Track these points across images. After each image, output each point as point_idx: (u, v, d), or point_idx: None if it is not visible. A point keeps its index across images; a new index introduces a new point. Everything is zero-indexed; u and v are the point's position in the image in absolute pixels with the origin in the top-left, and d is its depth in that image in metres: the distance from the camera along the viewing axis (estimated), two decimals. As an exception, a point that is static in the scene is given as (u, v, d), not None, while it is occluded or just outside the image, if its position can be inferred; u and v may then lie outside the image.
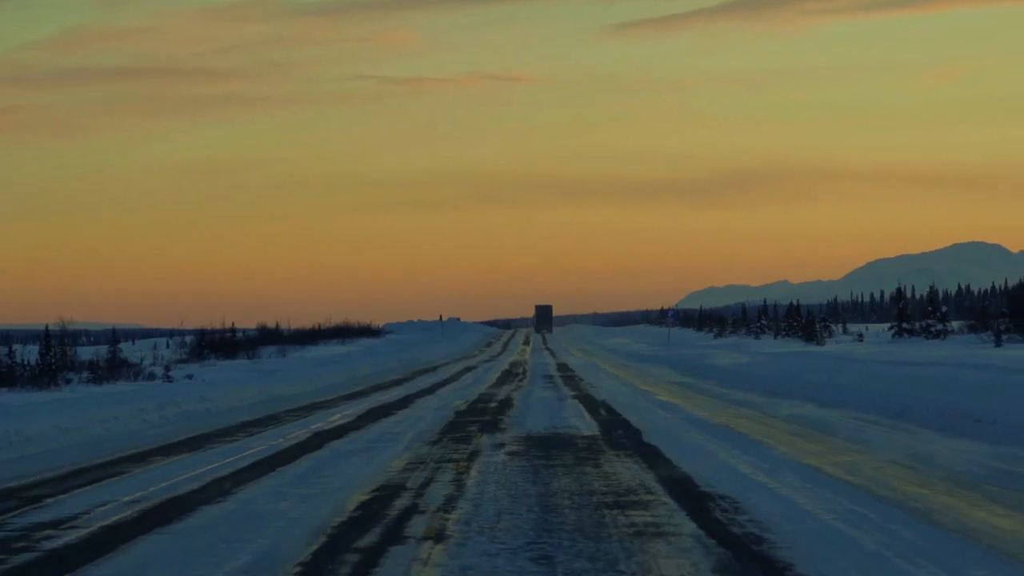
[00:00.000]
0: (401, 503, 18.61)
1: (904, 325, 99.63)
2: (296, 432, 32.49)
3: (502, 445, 27.17)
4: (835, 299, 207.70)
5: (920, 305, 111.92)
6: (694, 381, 56.49)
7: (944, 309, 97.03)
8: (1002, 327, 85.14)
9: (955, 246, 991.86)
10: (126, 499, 20.06)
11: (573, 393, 48.01)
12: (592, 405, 40.59)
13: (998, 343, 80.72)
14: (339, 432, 31.98)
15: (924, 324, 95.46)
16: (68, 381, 66.08)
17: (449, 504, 18.34)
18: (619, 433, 29.69)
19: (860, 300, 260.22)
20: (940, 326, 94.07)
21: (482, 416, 36.38)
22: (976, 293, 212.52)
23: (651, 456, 24.32)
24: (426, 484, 20.64)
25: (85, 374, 69.28)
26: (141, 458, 26.78)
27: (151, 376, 71.71)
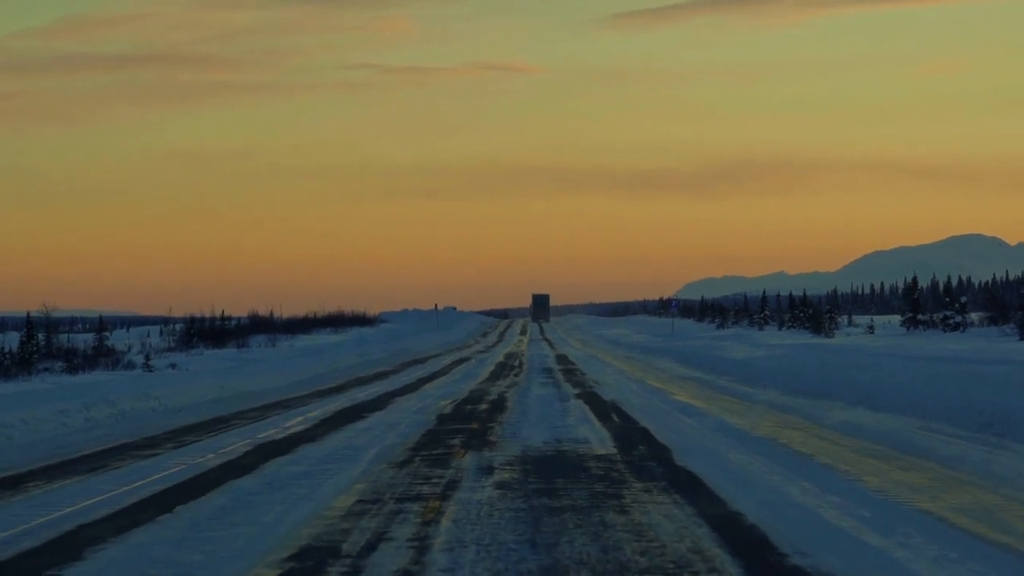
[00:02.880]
0: (324, 588, 11.51)
1: (919, 316, 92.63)
2: (235, 443, 25.36)
3: (490, 470, 19.98)
4: (835, 290, 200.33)
5: (922, 296, 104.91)
6: (709, 377, 49.30)
7: (964, 300, 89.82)
8: (1026, 319, 78.13)
9: (952, 238, 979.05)
10: (-78, 565, 13.00)
11: (576, 391, 40.83)
12: (600, 407, 33.44)
13: (1023, 336, 73.84)
14: (288, 445, 24.83)
15: (942, 316, 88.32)
16: (47, 370, 60.15)
17: (399, 592, 11.25)
18: (642, 450, 22.51)
19: (860, 292, 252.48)
20: (959, 318, 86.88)
21: (468, 423, 29.19)
22: (977, 285, 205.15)
23: (694, 490, 17.18)
24: (372, 546, 13.46)
25: (59, 363, 63.15)
26: (12, 484, 19.66)
27: (130, 365, 65.52)
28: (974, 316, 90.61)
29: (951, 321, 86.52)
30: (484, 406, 34.55)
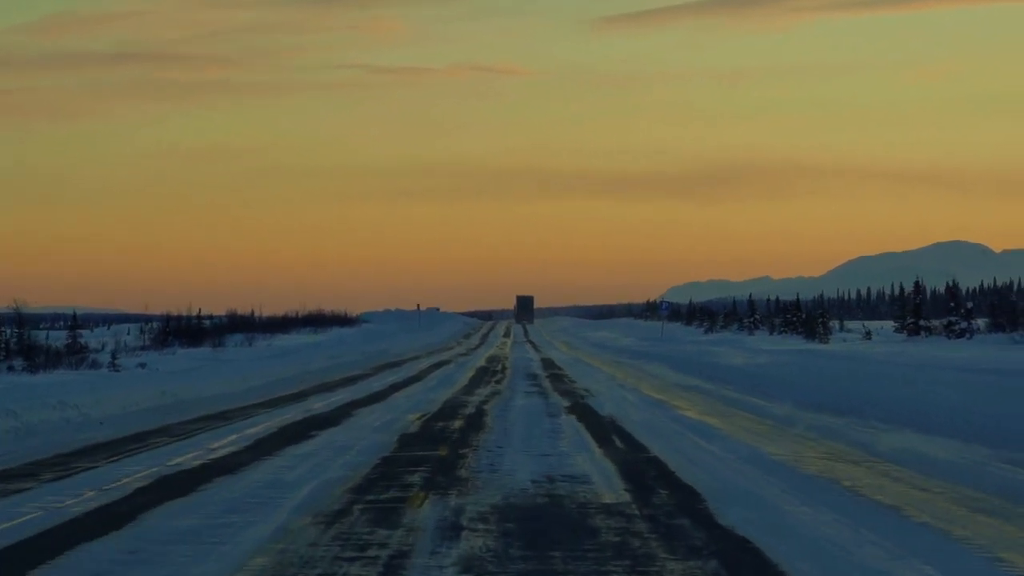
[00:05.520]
0: None
1: (921, 322, 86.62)
2: (134, 474, 19.17)
3: (455, 530, 13.80)
4: (821, 295, 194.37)
5: (904, 302, 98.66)
6: (710, 386, 43.18)
7: (970, 305, 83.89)
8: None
9: (938, 245, 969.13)
10: None
11: (566, 403, 34.68)
12: (598, 426, 27.29)
13: (1034, 344, 68.04)
14: (196, 479, 18.63)
15: (946, 322, 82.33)
16: (10, 369, 54.42)
17: None
18: (663, 496, 16.35)
19: (847, 297, 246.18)
20: (964, 324, 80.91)
21: (436, 447, 22.97)
22: (965, 292, 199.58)
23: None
24: None
25: (19, 362, 57.33)
26: None
27: (96, 364, 59.57)
28: (980, 322, 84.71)
29: (956, 327, 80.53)
30: (458, 423, 28.34)
